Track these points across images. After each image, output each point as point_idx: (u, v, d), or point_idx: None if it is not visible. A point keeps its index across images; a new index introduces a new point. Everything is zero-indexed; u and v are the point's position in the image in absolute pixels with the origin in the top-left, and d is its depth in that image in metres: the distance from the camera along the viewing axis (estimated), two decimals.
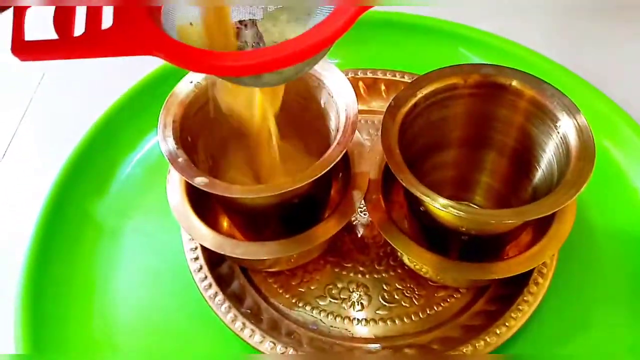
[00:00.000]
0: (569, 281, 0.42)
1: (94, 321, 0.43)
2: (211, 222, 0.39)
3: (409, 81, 0.48)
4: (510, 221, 0.35)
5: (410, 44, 0.58)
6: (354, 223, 0.46)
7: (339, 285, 0.43)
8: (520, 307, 0.39)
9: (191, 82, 0.39)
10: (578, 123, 0.35)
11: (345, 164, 0.40)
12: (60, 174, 0.49)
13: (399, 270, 0.44)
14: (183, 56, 0.26)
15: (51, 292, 0.43)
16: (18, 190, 0.53)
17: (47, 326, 0.42)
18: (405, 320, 0.42)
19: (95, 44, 0.26)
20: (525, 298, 0.40)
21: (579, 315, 0.41)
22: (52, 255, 0.45)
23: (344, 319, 0.42)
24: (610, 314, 0.41)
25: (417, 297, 0.43)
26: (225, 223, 0.44)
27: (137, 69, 0.55)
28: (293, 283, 0.44)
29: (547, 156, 0.38)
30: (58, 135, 0.56)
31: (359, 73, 0.54)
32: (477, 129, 0.41)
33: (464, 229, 0.37)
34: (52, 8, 0.27)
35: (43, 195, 0.47)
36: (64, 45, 0.26)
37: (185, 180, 0.37)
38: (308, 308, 0.42)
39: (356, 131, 0.37)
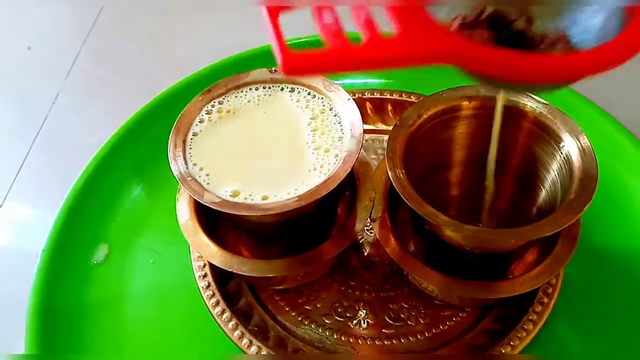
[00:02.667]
0: (574, 300, 0.42)
1: (103, 337, 0.43)
2: (219, 240, 0.40)
3: (415, 101, 0.49)
4: (513, 241, 0.35)
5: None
6: (360, 241, 0.47)
7: (345, 304, 0.44)
8: (525, 326, 0.40)
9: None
10: (581, 144, 0.36)
11: (352, 183, 0.41)
12: (71, 191, 0.49)
13: (405, 289, 0.44)
14: (489, 61, 0.23)
15: (61, 308, 0.44)
16: (31, 207, 0.54)
17: (56, 342, 0.42)
18: (410, 338, 0.42)
19: (382, 53, 0.23)
20: (530, 317, 0.40)
21: (584, 335, 0.41)
22: (62, 273, 0.46)
23: (349, 337, 0.42)
24: (617, 334, 0.41)
25: (422, 315, 0.43)
26: (233, 241, 0.44)
27: (148, 89, 0.56)
28: (299, 301, 0.44)
29: (551, 176, 0.38)
30: (70, 154, 0.57)
31: (366, 93, 0.55)
32: (482, 149, 0.41)
33: (468, 248, 0.37)
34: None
35: (55, 212, 0.48)
36: (343, 56, 0.23)
37: (194, 199, 0.38)
38: (314, 326, 0.43)
39: (362, 150, 0.38)
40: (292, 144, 0.39)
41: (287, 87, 0.41)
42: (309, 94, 0.41)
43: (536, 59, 0.24)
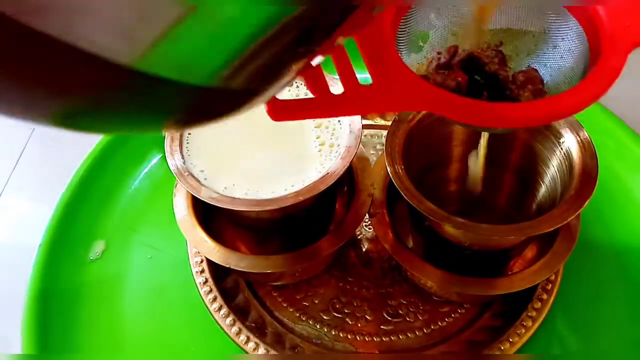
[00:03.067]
0: (573, 297, 0.42)
1: (99, 332, 0.43)
2: (216, 235, 0.39)
3: None
4: (512, 237, 0.35)
5: None
6: (359, 237, 0.46)
7: (343, 300, 0.43)
8: (524, 322, 0.39)
9: None
10: (581, 139, 0.35)
11: (350, 179, 0.41)
12: (68, 186, 0.49)
13: (404, 285, 0.44)
14: (462, 110, 0.25)
15: (58, 305, 0.44)
16: (28, 201, 0.54)
17: (53, 336, 0.42)
18: (409, 335, 0.42)
19: (359, 102, 0.25)
20: (529, 314, 0.40)
21: (583, 331, 0.41)
22: (58, 268, 0.45)
23: (348, 334, 0.42)
24: (616, 331, 0.41)
25: (421, 312, 0.43)
26: (231, 236, 0.44)
27: None
28: (297, 297, 0.44)
29: (551, 172, 0.38)
30: (67, 148, 0.57)
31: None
32: None
33: (467, 244, 0.37)
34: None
35: (52, 207, 0.48)
36: (324, 104, 0.25)
37: (192, 194, 0.38)
38: (312, 322, 0.43)
39: (361, 146, 0.37)
40: (290, 139, 0.38)
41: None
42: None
43: (503, 109, 0.25)
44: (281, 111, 0.25)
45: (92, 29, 0.11)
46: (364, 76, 0.25)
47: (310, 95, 0.26)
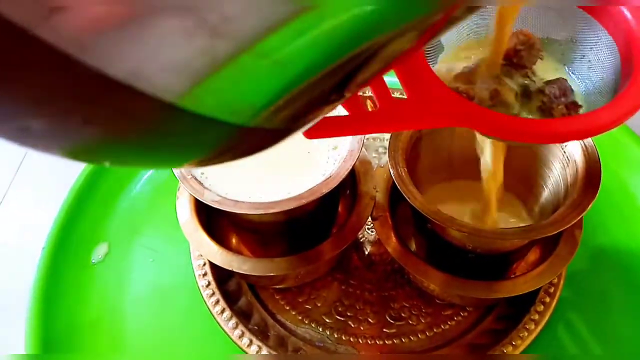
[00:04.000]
0: (575, 300, 0.42)
1: (102, 335, 0.43)
2: (219, 238, 0.39)
3: None
4: (515, 240, 0.35)
5: None
6: (361, 240, 0.46)
7: (346, 303, 0.43)
8: (527, 326, 0.39)
9: None
10: (584, 143, 0.35)
11: (353, 182, 0.41)
12: (72, 190, 0.49)
13: (406, 288, 0.44)
14: (495, 125, 0.24)
15: (61, 308, 0.44)
16: (31, 205, 0.54)
17: (56, 340, 0.42)
18: (411, 338, 0.42)
19: (394, 118, 0.24)
20: (532, 317, 0.40)
21: (586, 334, 0.41)
22: (62, 271, 0.45)
23: (350, 337, 0.42)
24: (619, 334, 0.41)
25: (424, 315, 0.43)
26: (233, 240, 0.44)
27: None
28: (300, 300, 0.44)
29: (554, 175, 0.38)
30: None
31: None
32: None
33: (470, 247, 0.37)
34: None
35: (55, 211, 0.48)
36: (359, 122, 0.25)
37: (195, 198, 0.38)
38: (314, 325, 0.43)
39: (363, 149, 0.37)
40: (293, 143, 0.38)
41: None
42: None
43: (534, 125, 0.25)
44: (315, 129, 0.24)
45: (143, 64, 0.11)
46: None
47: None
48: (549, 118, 0.28)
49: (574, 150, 0.36)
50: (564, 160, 0.36)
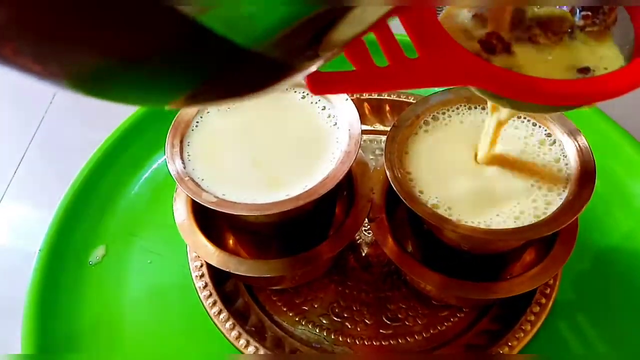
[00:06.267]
0: (572, 301, 0.42)
1: (99, 337, 0.43)
2: (217, 240, 0.40)
3: (413, 102, 0.48)
4: (511, 241, 0.35)
5: None
6: (358, 242, 0.47)
7: (343, 304, 0.44)
8: (523, 326, 0.40)
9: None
10: (579, 144, 0.36)
11: (350, 183, 0.41)
12: (68, 191, 0.49)
13: (403, 289, 0.44)
14: (511, 85, 0.23)
15: (57, 308, 0.44)
16: (28, 206, 0.54)
17: (53, 342, 0.42)
18: (408, 339, 0.42)
19: (405, 75, 0.24)
20: (528, 318, 0.40)
21: (582, 335, 0.41)
22: (58, 273, 0.45)
23: (347, 338, 0.42)
24: (615, 334, 0.41)
25: (420, 316, 0.43)
26: (230, 241, 0.44)
27: None
28: (297, 301, 0.44)
29: None
30: (67, 154, 0.57)
31: (364, 94, 0.55)
32: None
33: (466, 248, 0.37)
34: None
35: (52, 212, 0.48)
36: (368, 78, 0.24)
37: (192, 199, 0.38)
38: (311, 326, 0.43)
39: (360, 151, 0.37)
40: (290, 144, 0.39)
41: (287, 88, 0.41)
42: (308, 94, 0.41)
43: (555, 84, 0.24)
44: (321, 84, 0.23)
45: None
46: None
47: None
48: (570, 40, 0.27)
49: (569, 151, 0.36)
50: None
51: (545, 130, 0.37)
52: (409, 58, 0.24)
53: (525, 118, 0.38)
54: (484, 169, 0.36)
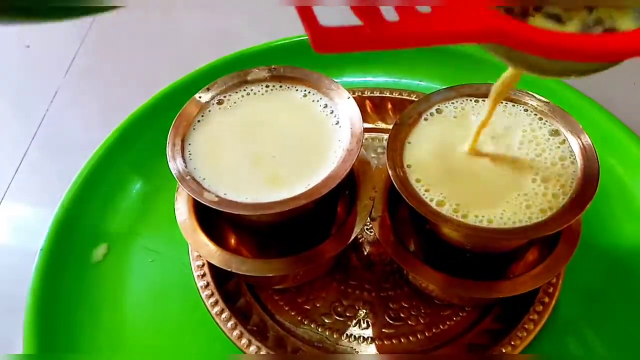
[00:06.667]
0: (575, 300, 0.42)
1: (101, 336, 0.43)
2: (218, 239, 0.39)
3: (415, 100, 0.48)
4: (514, 240, 0.35)
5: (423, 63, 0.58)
6: (360, 240, 0.46)
7: (345, 303, 0.43)
8: (526, 326, 0.39)
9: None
10: (582, 142, 0.36)
11: (352, 182, 0.41)
12: (70, 190, 0.49)
13: (405, 288, 0.44)
14: (530, 39, 0.22)
15: (59, 307, 0.44)
16: (29, 205, 0.54)
17: (54, 341, 0.42)
18: (410, 338, 0.42)
19: (416, 31, 0.22)
20: (531, 317, 0.40)
21: (585, 334, 0.41)
22: (60, 272, 0.45)
23: (349, 337, 0.42)
24: (618, 334, 0.41)
25: (422, 315, 0.43)
26: (232, 240, 0.44)
27: (147, 87, 0.56)
28: (299, 300, 0.44)
29: None
30: (68, 152, 0.57)
31: (366, 92, 0.55)
32: None
33: (468, 247, 0.37)
34: None
35: (54, 211, 0.48)
36: (376, 34, 0.22)
37: (193, 198, 0.38)
38: (313, 325, 0.43)
39: (362, 149, 0.37)
40: (291, 143, 0.38)
41: (287, 86, 0.41)
42: (309, 92, 0.41)
43: (583, 37, 0.23)
44: (326, 41, 0.22)
45: None
46: None
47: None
48: None
49: (573, 149, 0.36)
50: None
51: (551, 126, 0.37)
52: (420, 12, 0.22)
53: (531, 113, 0.38)
54: (488, 165, 0.36)
